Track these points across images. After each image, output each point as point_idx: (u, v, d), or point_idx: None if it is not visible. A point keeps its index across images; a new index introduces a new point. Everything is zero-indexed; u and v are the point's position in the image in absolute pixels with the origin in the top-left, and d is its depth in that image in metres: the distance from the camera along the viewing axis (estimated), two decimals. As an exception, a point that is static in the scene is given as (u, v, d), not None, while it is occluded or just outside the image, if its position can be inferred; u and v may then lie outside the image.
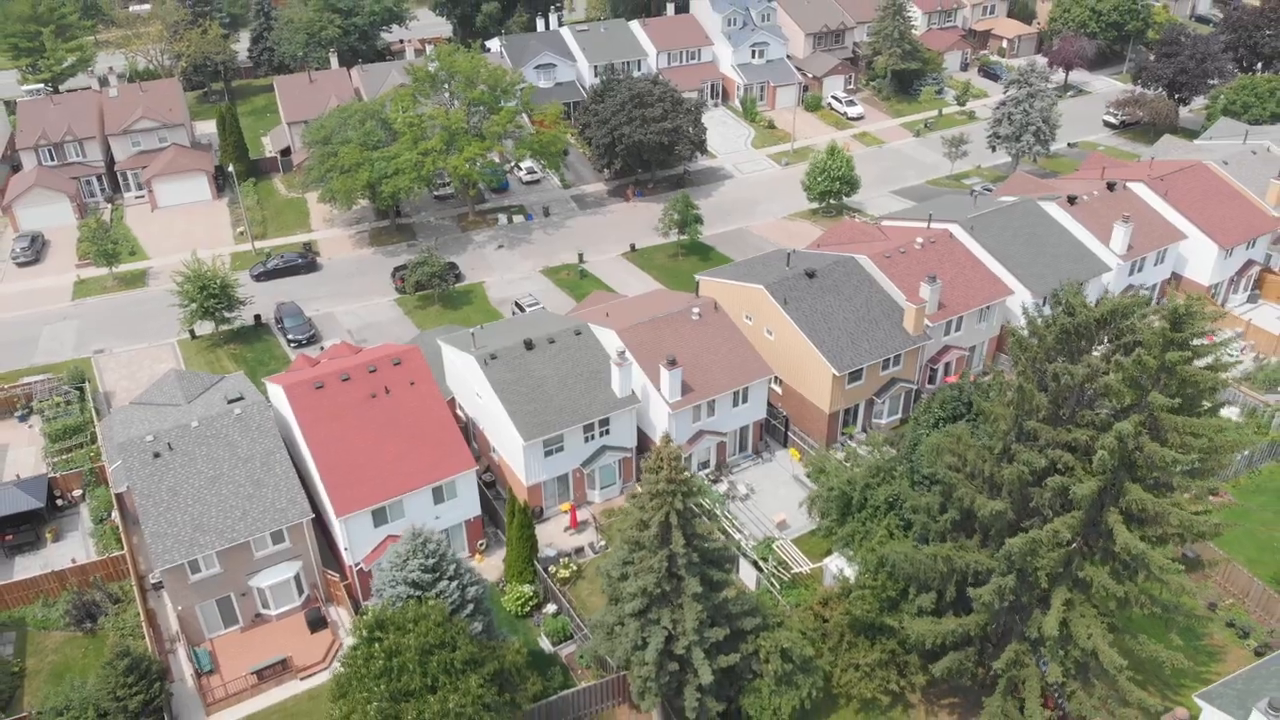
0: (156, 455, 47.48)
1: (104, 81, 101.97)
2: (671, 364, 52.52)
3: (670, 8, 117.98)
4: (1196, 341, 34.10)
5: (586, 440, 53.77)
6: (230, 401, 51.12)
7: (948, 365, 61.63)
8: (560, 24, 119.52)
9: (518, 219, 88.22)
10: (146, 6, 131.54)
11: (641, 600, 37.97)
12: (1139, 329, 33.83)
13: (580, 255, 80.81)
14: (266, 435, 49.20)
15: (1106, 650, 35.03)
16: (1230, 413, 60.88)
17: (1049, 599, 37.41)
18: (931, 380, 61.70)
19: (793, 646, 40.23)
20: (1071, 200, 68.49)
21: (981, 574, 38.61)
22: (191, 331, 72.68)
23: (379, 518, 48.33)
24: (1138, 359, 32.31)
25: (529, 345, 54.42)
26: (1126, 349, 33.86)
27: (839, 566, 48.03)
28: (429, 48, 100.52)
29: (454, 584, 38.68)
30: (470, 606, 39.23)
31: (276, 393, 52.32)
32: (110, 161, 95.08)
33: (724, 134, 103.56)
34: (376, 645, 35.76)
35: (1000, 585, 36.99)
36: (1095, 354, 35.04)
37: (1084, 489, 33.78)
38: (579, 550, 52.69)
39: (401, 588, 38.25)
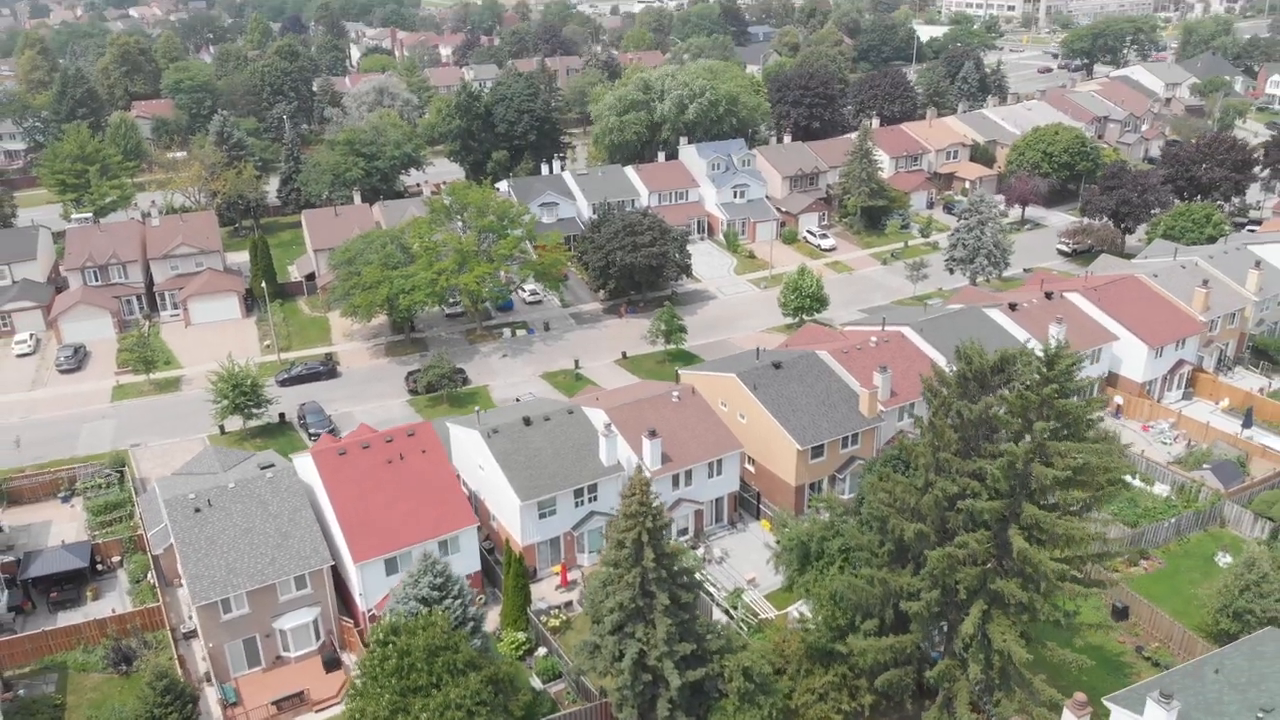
0: (197, 510, 54.00)
1: (146, 215, 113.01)
2: (652, 435, 59.57)
3: (661, 155, 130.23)
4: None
5: (577, 505, 60.21)
6: (263, 468, 58.04)
7: (904, 448, 68.38)
8: (563, 169, 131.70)
9: (520, 333, 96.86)
10: (183, 154, 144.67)
11: (619, 615, 43.86)
12: (1023, 372, 41.16)
13: (576, 361, 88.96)
14: (294, 495, 55.83)
15: (1018, 649, 40.72)
16: (1161, 489, 67.49)
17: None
18: (890, 462, 68.34)
19: (754, 666, 45.70)
20: (1012, 307, 76.96)
21: (914, 594, 44.52)
22: (221, 427, 79.86)
23: (390, 567, 54.35)
24: (1020, 395, 39.56)
25: (527, 422, 61.66)
26: (1015, 390, 41.08)
27: (800, 611, 53.68)
28: (444, 185, 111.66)
29: (458, 602, 44.69)
30: (471, 624, 45.06)
31: (303, 464, 59.06)
32: (149, 282, 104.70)
33: (709, 263, 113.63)
34: (390, 647, 41.55)
35: (927, 599, 43.01)
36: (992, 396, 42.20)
37: (987, 506, 40.41)
38: (568, 604, 58.33)
39: (413, 604, 44.26)
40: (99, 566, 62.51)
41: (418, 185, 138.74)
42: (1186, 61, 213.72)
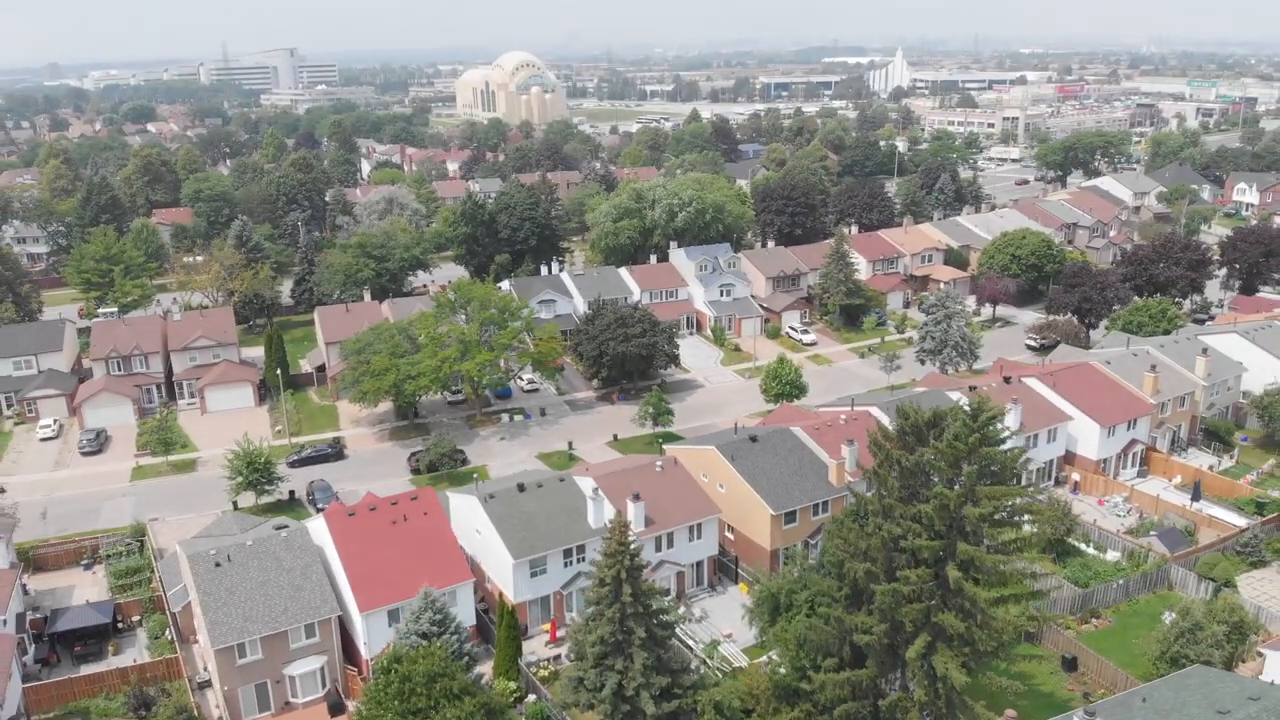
0: (218, 564, 58.93)
1: (167, 312, 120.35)
2: (636, 498, 64.86)
3: (653, 258, 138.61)
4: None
5: (566, 565, 65.04)
6: (277, 528, 63.21)
7: (872, 517, 73.46)
8: (562, 270, 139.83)
9: (518, 418, 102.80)
10: (201, 258, 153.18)
11: (600, 648, 48.53)
12: (953, 425, 46.91)
13: (570, 443, 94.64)
14: (306, 552, 60.84)
15: (956, 675, 45.29)
16: (1113, 556, 72.34)
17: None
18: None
19: (725, 701, 50.11)
20: (972, 389, 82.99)
21: (867, 630, 49.24)
22: (234, 503, 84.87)
23: (392, 617, 58.89)
24: (950, 444, 45.29)
25: (521, 488, 67.11)
26: (945, 441, 46.76)
27: (771, 658, 57.98)
28: (450, 284, 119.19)
29: (454, 637, 49.35)
30: (466, 658, 49.60)
31: (316, 526, 64.16)
32: (169, 372, 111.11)
33: (697, 355, 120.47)
34: (393, 673, 46.11)
35: (877, 632, 47.76)
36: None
37: (926, 545, 45.65)
38: (556, 658, 62.58)
39: (414, 638, 48.93)
40: (119, 625, 66.85)
41: (425, 286, 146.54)
42: (1156, 172, 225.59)
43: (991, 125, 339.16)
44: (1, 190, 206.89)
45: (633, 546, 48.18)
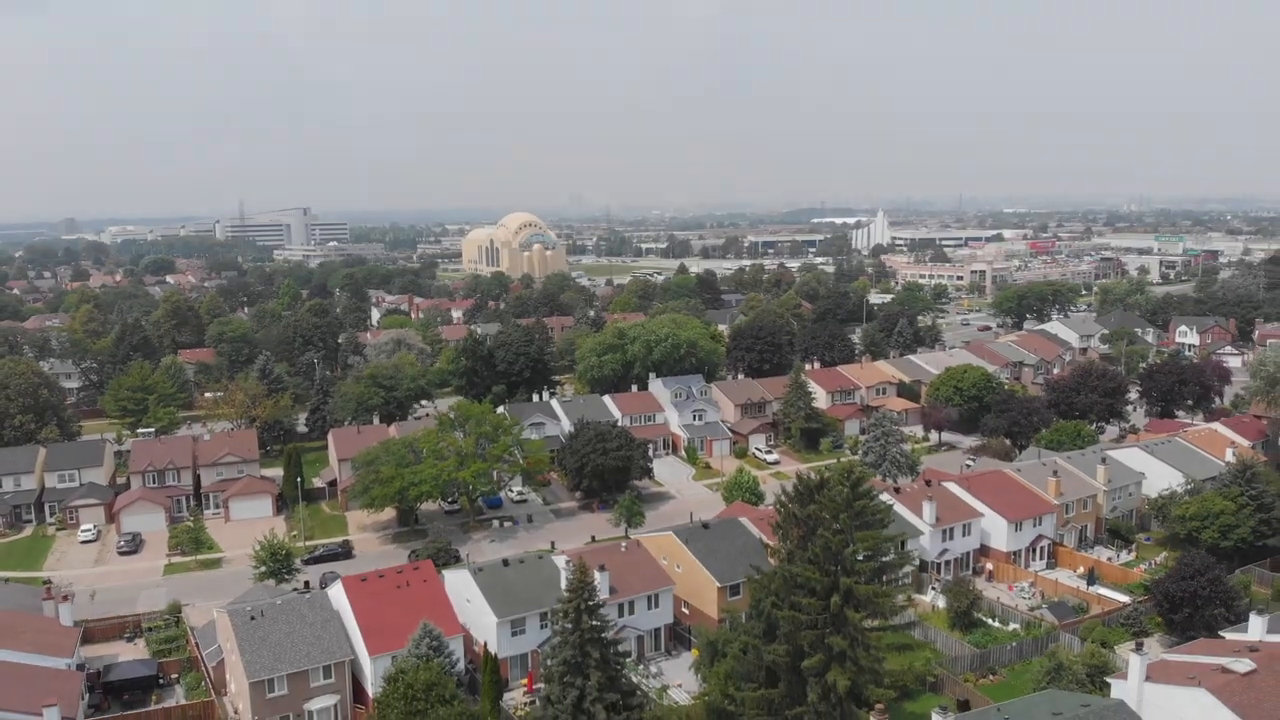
0: (252, 618, 71.51)
1: (197, 437, 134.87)
2: (601, 568, 77.61)
3: (634, 387, 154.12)
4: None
5: (542, 627, 77.15)
6: (301, 592, 75.87)
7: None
8: (552, 397, 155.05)
9: (508, 524, 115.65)
10: (221, 394, 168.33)
11: (562, 668, 60.75)
12: (834, 485, 60.77)
13: (552, 544, 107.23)
14: (326, 609, 73.43)
15: (842, 682, 57.61)
16: (1014, 626, 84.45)
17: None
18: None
19: (666, 718, 61.92)
20: (896, 490, 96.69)
21: (775, 654, 61.64)
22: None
23: (395, 662, 70.86)
24: (829, 496, 59.13)
25: (505, 563, 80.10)
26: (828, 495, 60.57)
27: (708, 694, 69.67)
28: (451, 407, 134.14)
29: (447, 660, 61.63)
30: (455, 677, 61.72)
31: (334, 592, 76.74)
32: (197, 485, 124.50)
33: (671, 471, 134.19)
34: (398, 681, 58.36)
35: (782, 653, 60.22)
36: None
37: (817, 579, 58.83)
38: (532, 703, 73.99)
39: (413, 659, 61.23)
40: (160, 680, 78.33)
41: (428, 414, 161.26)
42: (1103, 317, 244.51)
43: (960, 278, 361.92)
44: (38, 332, 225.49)
45: (591, 584, 61.07)
